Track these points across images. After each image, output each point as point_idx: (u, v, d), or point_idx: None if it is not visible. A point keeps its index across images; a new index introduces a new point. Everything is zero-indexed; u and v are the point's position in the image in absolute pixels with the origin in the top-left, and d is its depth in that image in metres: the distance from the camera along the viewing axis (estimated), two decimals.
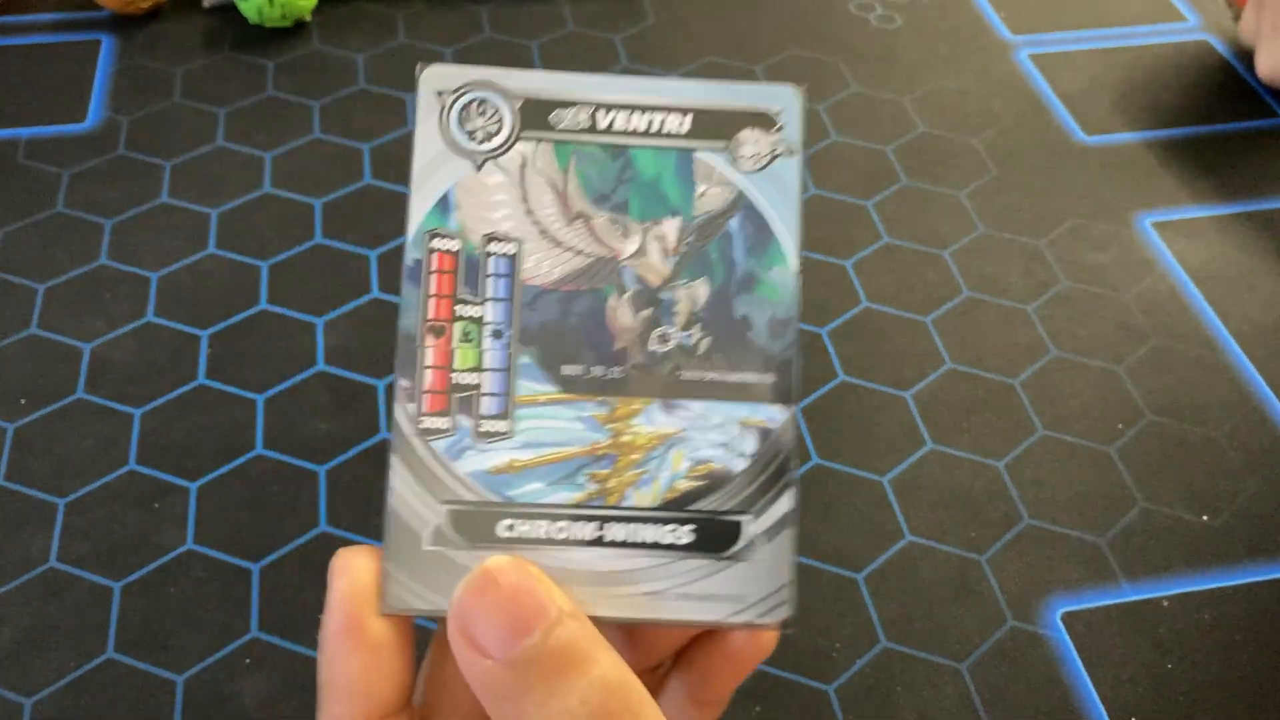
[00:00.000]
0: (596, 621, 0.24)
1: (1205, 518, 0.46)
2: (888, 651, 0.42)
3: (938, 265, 0.55)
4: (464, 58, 0.65)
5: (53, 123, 0.61)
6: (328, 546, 0.44)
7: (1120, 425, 0.49)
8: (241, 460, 0.47)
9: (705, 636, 0.27)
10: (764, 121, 0.26)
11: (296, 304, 0.53)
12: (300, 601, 0.43)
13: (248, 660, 0.41)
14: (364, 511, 0.45)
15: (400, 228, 0.56)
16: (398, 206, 0.57)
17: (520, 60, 0.65)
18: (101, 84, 0.63)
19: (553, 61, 0.65)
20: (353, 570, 0.24)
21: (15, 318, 0.52)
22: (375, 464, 0.47)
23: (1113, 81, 0.65)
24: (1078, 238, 0.57)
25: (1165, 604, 0.44)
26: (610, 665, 0.22)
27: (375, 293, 0.53)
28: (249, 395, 0.49)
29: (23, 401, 0.49)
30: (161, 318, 0.52)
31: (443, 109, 0.26)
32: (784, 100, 0.26)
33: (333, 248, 0.55)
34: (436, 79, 0.26)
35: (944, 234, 0.57)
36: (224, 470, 0.47)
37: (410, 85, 0.63)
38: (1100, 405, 0.50)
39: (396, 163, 0.59)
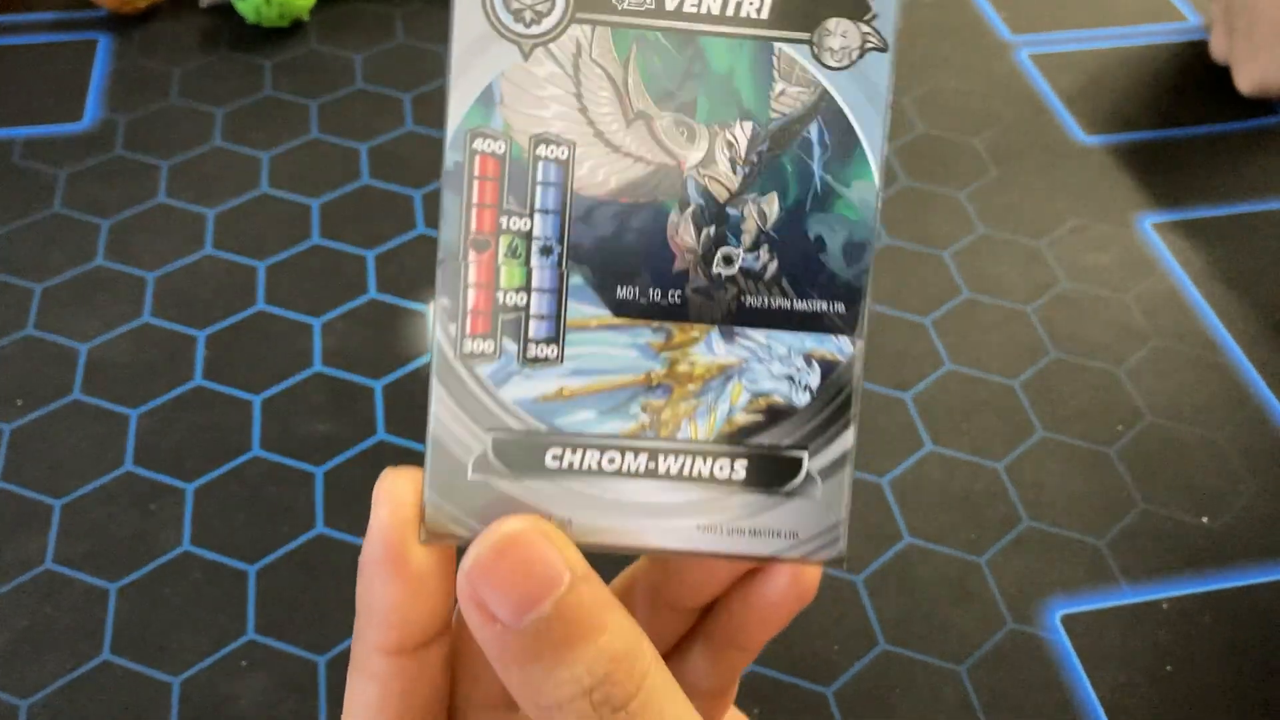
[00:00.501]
0: (647, 553, 0.24)
1: (1205, 519, 0.46)
2: (887, 653, 0.42)
3: (937, 266, 0.55)
4: None
5: (49, 122, 0.61)
6: (325, 548, 0.44)
7: (1120, 426, 0.49)
8: (238, 461, 0.47)
9: (744, 581, 0.26)
10: (855, 8, 0.23)
11: (294, 304, 0.52)
12: (297, 603, 0.43)
13: (244, 662, 0.41)
14: (362, 513, 0.45)
15: (400, 227, 0.56)
16: (396, 206, 0.57)
17: None
18: (98, 83, 0.63)
19: None
20: (396, 496, 0.23)
21: (11, 318, 0.52)
22: (373, 465, 0.47)
23: (1113, 81, 0.65)
24: (1078, 238, 0.57)
25: (1165, 606, 0.44)
26: (619, 633, 0.22)
27: (373, 293, 0.53)
28: (246, 396, 0.49)
29: (19, 402, 0.49)
30: (158, 318, 0.52)
31: None
32: None
33: (330, 248, 0.55)
34: None
35: (944, 234, 0.57)
36: (221, 471, 0.46)
37: (408, 85, 0.63)
38: (1100, 406, 0.50)
39: (395, 162, 0.59)
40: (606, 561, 0.23)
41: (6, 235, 0.55)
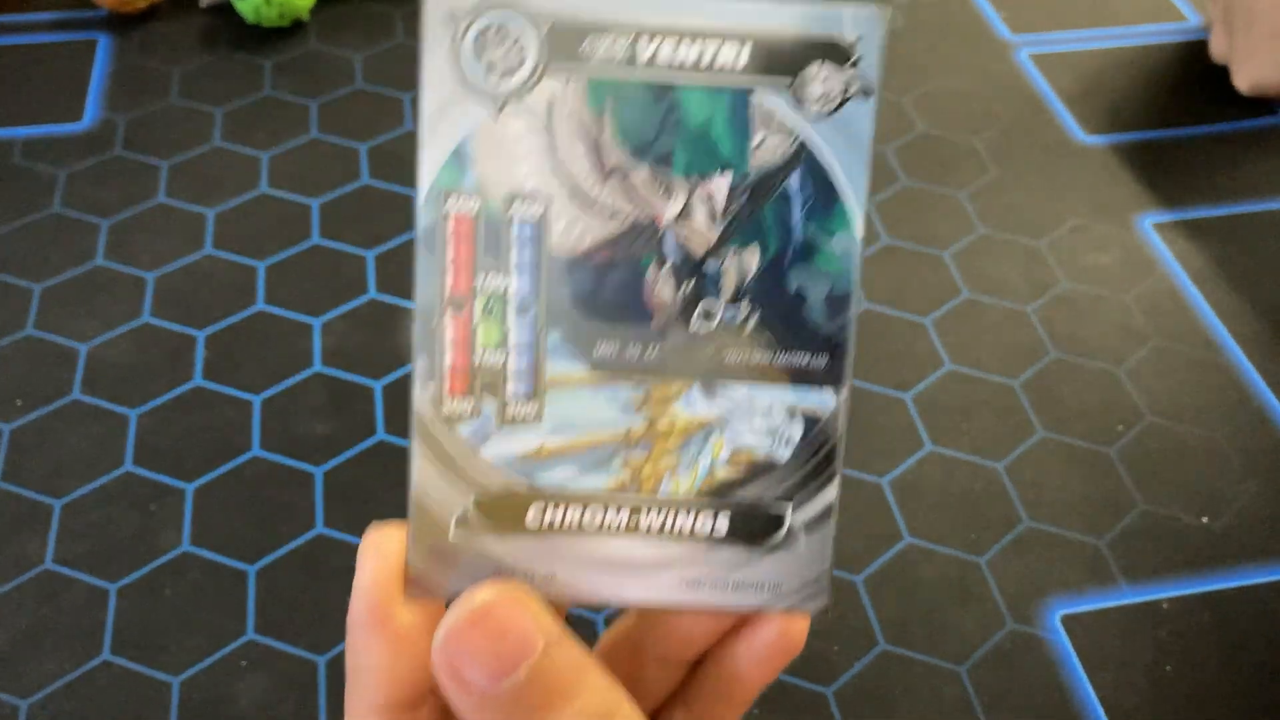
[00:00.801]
0: (631, 608, 0.24)
1: (1205, 519, 0.46)
2: (887, 654, 0.42)
3: (937, 266, 0.55)
4: None
5: (49, 122, 0.61)
6: (325, 548, 0.44)
7: (1120, 427, 0.49)
8: (238, 461, 0.47)
9: (732, 633, 0.26)
10: (836, 53, 0.22)
11: (294, 305, 0.52)
12: (297, 603, 0.43)
13: (244, 662, 0.41)
14: (362, 513, 0.45)
15: (399, 227, 0.56)
16: (396, 206, 0.57)
17: None
18: (98, 83, 0.63)
19: None
20: (380, 553, 0.23)
21: (11, 318, 0.52)
22: (373, 465, 0.47)
23: (1113, 81, 0.65)
24: (1078, 238, 0.57)
25: (1165, 606, 0.44)
26: (595, 693, 0.22)
27: (373, 293, 0.53)
28: (246, 396, 0.49)
29: (19, 402, 0.49)
30: (158, 318, 0.52)
31: (454, 37, 0.22)
32: (862, 25, 0.22)
33: (330, 248, 0.55)
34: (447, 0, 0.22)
35: (944, 234, 0.57)
36: (220, 471, 0.46)
37: (408, 84, 0.63)
38: (1100, 407, 0.50)
39: (394, 162, 0.59)
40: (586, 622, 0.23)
41: (6, 235, 0.55)
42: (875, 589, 0.44)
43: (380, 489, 0.46)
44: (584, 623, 0.41)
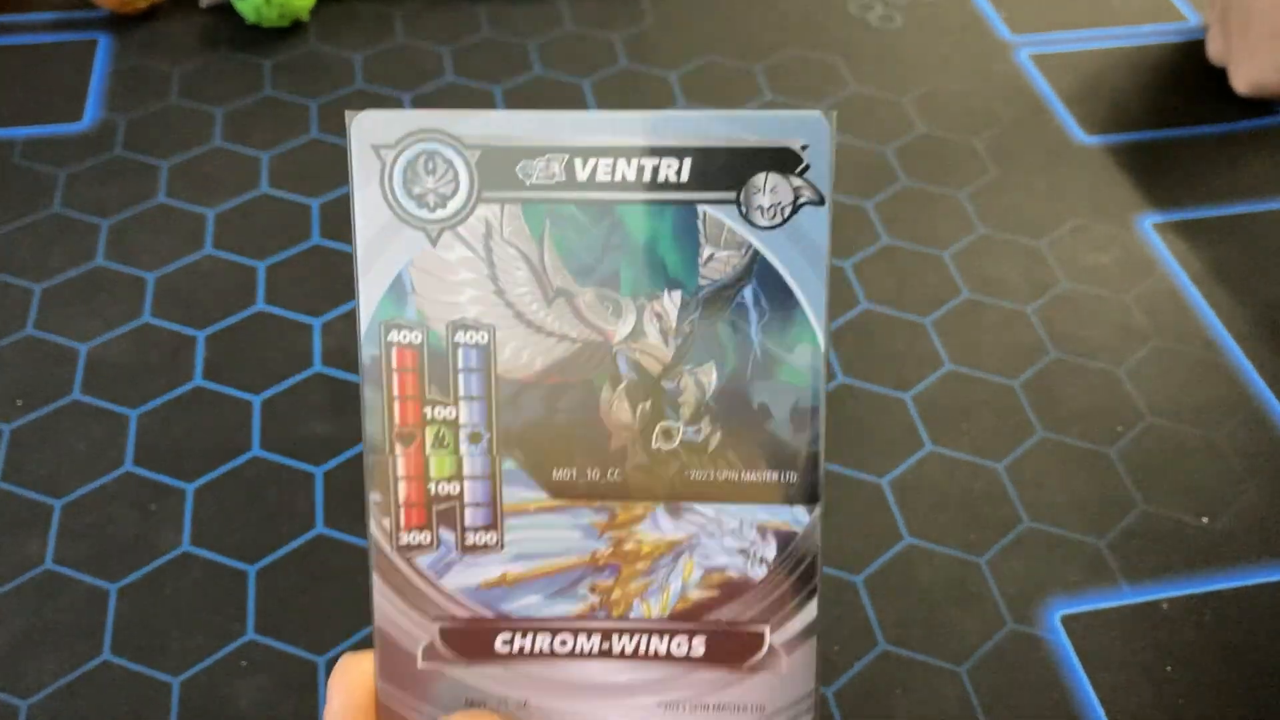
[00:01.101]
0: None
1: (1205, 520, 0.46)
2: (886, 654, 0.42)
3: (937, 266, 0.55)
4: (462, 57, 0.65)
5: (49, 122, 0.61)
6: (325, 548, 0.44)
7: (1120, 427, 0.49)
8: (238, 462, 0.47)
9: None
10: (784, 161, 0.21)
11: (294, 305, 0.52)
12: (297, 603, 0.43)
13: (244, 663, 0.41)
14: (361, 514, 0.45)
15: None
16: None
17: (518, 60, 0.65)
18: (98, 83, 0.63)
19: (551, 62, 0.65)
20: (348, 684, 0.23)
21: (11, 318, 0.52)
22: None
23: (1113, 81, 0.65)
24: (1078, 238, 0.57)
25: (1165, 606, 0.44)
26: None
27: None
28: (246, 396, 0.49)
29: (19, 403, 0.49)
30: (158, 318, 0.52)
31: (384, 169, 0.22)
32: (810, 132, 0.21)
33: (330, 248, 0.55)
34: (372, 129, 0.22)
35: (944, 235, 0.57)
36: (221, 472, 0.46)
37: (407, 85, 0.63)
38: (1100, 407, 0.50)
39: None
40: None
41: (6, 235, 0.55)
42: (875, 589, 0.44)
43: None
44: None
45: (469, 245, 0.22)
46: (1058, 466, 0.48)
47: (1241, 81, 0.62)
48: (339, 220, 0.56)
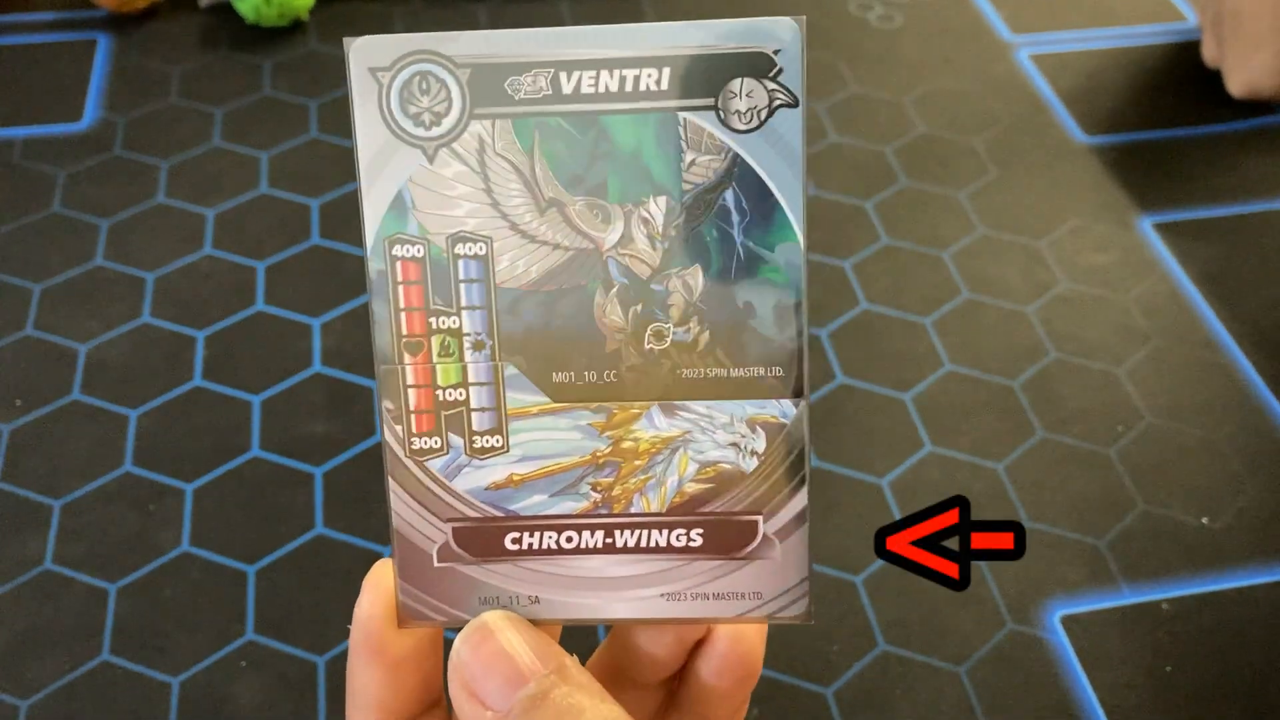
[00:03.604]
0: (615, 624, 0.24)
1: (1205, 520, 0.46)
2: (886, 654, 0.42)
3: (937, 266, 0.55)
4: None
5: (48, 122, 0.61)
6: (324, 549, 0.44)
7: (1120, 427, 0.49)
8: (238, 462, 0.47)
9: (694, 652, 0.27)
10: (759, 66, 0.22)
11: (293, 305, 0.52)
12: (297, 604, 0.43)
13: (244, 663, 0.41)
14: (361, 514, 0.45)
15: None
16: None
17: None
18: (97, 83, 0.63)
19: None
20: (378, 586, 0.25)
21: (10, 319, 0.52)
22: (372, 466, 0.47)
23: (1113, 81, 0.65)
24: (1078, 239, 0.57)
25: (1165, 607, 0.44)
26: (603, 715, 0.23)
27: None
28: (245, 397, 0.49)
29: (18, 403, 0.49)
30: (158, 319, 0.52)
31: (381, 90, 0.23)
32: (781, 36, 0.22)
33: (330, 248, 0.55)
34: (369, 53, 0.23)
35: (943, 235, 0.57)
36: (220, 472, 0.46)
37: None
38: (1100, 407, 0.50)
39: None
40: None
41: (6, 235, 0.55)
42: (875, 589, 0.44)
43: (380, 489, 0.46)
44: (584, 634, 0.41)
45: (464, 160, 0.23)
46: (1058, 467, 0.48)
47: (1236, 85, 0.62)
48: (339, 220, 0.56)
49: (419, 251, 0.23)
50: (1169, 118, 0.63)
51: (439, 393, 0.24)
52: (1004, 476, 0.47)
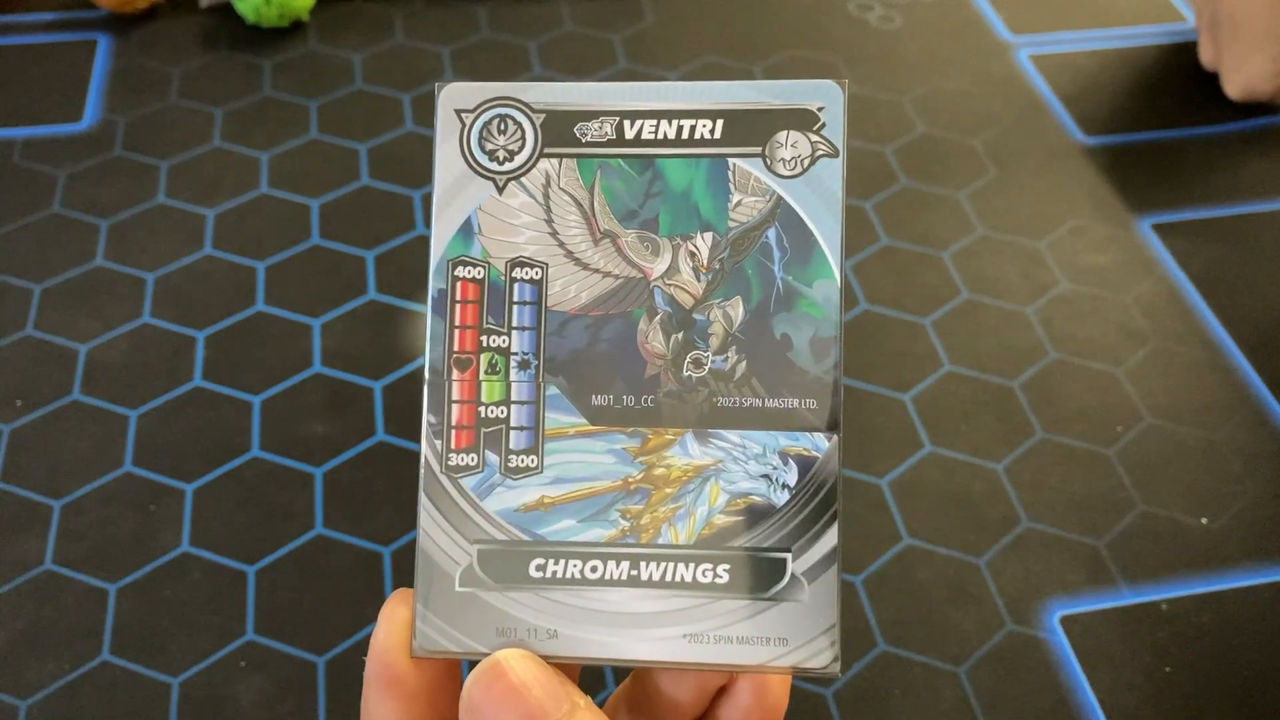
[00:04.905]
0: (634, 666, 0.24)
1: (1204, 520, 0.46)
2: (885, 655, 0.42)
3: (937, 266, 0.55)
4: (462, 58, 0.65)
5: (49, 123, 0.61)
6: (324, 549, 0.44)
7: (1119, 428, 0.49)
8: (238, 462, 0.47)
9: (717, 698, 0.26)
10: (803, 120, 0.24)
11: (293, 305, 0.52)
12: (297, 604, 0.43)
13: (243, 663, 0.41)
14: (361, 514, 0.45)
15: (399, 228, 0.56)
16: (396, 207, 0.57)
17: (518, 60, 0.65)
18: (98, 84, 0.63)
19: (551, 62, 0.65)
20: (393, 617, 0.25)
21: (11, 319, 0.52)
22: (372, 466, 0.47)
23: (1113, 81, 0.65)
24: (1077, 239, 0.57)
25: (1164, 607, 0.44)
26: None
27: (372, 294, 0.53)
28: (245, 397, 0.49)
29: (18, 403, 0.49)
30: (158, 319, 0.52)
31: (463, 129, 0.25)
32: (825, 96, 0.24)
33: (330, 249, 0.55)
34: (456, 97, 0.25)
35: (943, 235, 0.57)
36: (220, 472, 0.46)
37: (407, 85, 0.63)
38: (1099, 408, 0.50)
39: (394, 163, 0.59)
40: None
41: (6, 235, 0.55)
42: (874, 589, 0.44)
43: (380, 489, 0.46)
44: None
45: (530, 193, 0.25)
46: (1057, 467, 0.48)
47: (1233, 88, 0.62)
48: (339, 220, 0.56)
49: (479, 273, 0.25)
50: (1168, 119, 0.63)
51: (481, 409, 0.25)
52: (1003, 477, 0.47)
